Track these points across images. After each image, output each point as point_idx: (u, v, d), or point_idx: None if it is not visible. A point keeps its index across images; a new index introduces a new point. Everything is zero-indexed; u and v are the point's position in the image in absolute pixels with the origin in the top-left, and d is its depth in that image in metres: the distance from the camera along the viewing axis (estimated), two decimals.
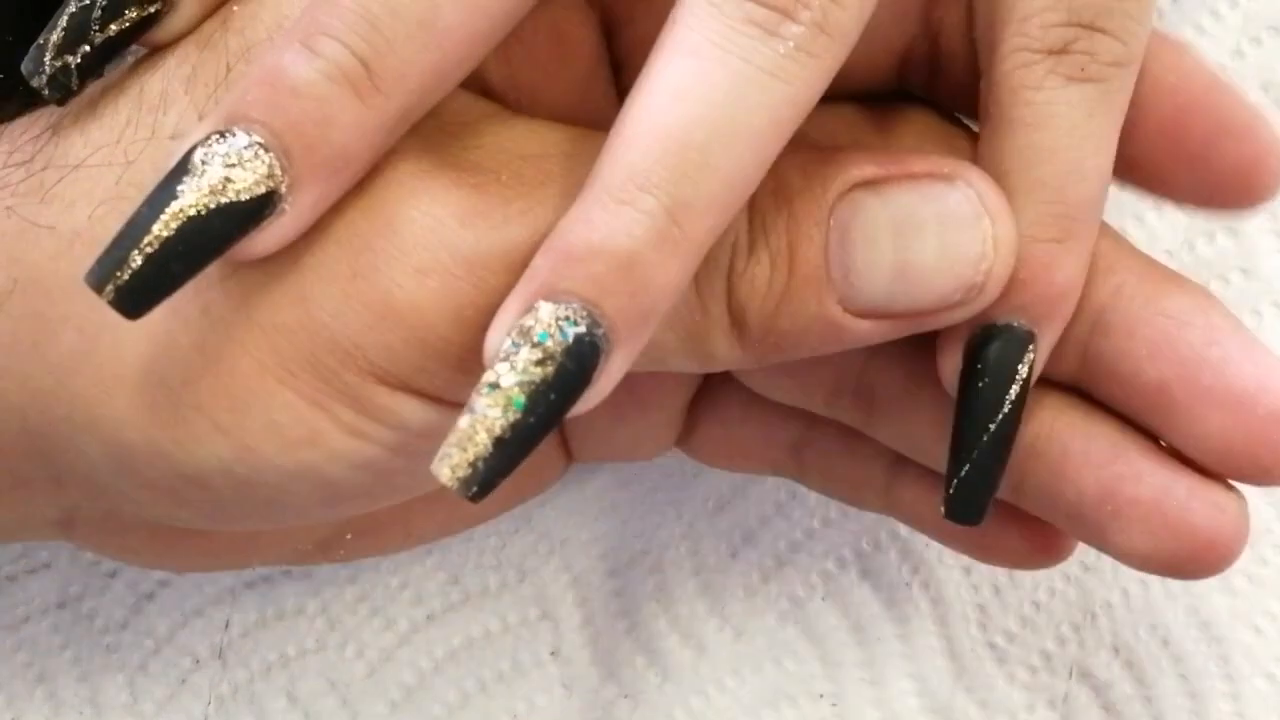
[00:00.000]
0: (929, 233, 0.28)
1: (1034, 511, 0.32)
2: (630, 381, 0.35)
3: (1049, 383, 0.31)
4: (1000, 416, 0.29)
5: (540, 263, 0.26)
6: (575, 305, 0.26)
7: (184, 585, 0.39)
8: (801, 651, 0.39)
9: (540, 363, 0.26)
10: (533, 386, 0.26)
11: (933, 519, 0.34)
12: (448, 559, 0.40)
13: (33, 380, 0.29)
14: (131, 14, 0.29)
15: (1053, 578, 0.39)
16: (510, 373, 0.26)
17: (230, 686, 0.39)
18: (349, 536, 0.36)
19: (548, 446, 0.37)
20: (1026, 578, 0.39)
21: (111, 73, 0.30)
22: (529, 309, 0.26)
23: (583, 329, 0.26)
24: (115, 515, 0.32)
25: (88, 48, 0.29)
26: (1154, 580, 0.38)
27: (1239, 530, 0.30)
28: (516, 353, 0.26)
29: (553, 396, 0.26)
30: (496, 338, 0.26)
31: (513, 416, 0.26)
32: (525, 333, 0.26)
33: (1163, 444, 0.31)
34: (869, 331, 0.29)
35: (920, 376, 0.31)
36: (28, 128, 0.30)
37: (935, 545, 0.39)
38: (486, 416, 0.26)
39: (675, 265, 0.26)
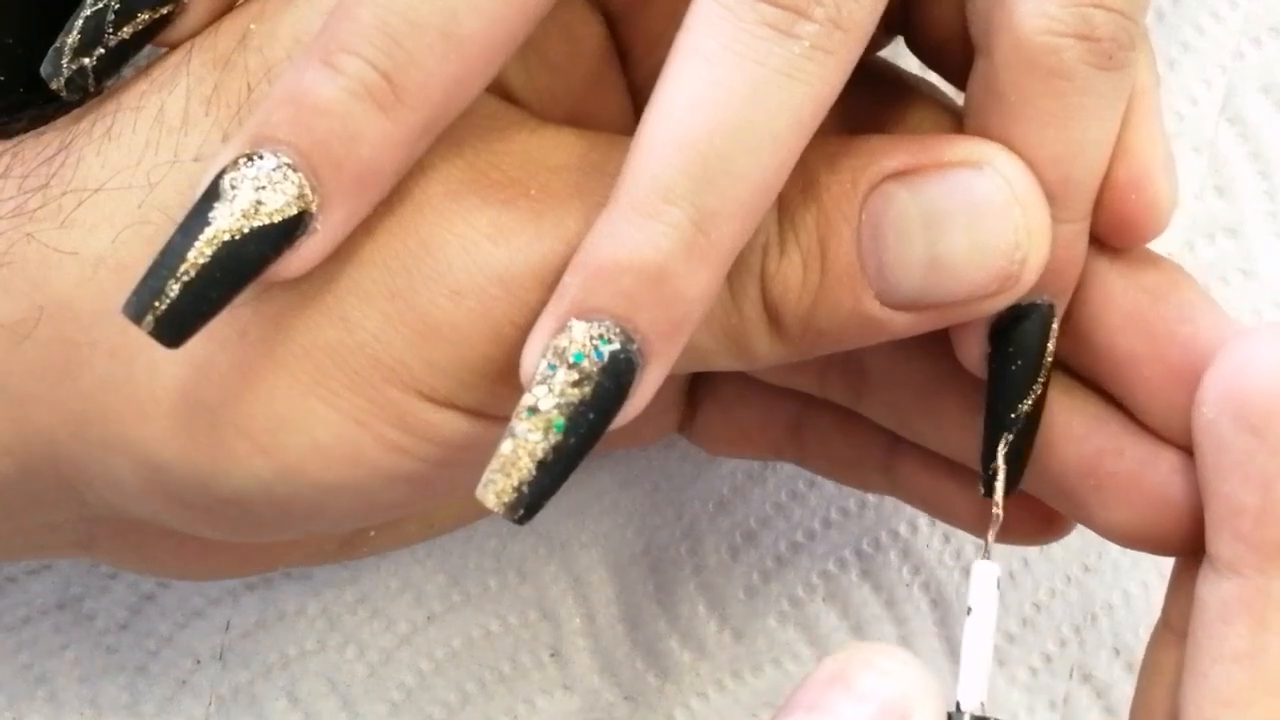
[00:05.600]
0: (960, 225, 0.28)
1: (1023, 487, 0.32)
2: None
3: None
4: (1034, 394, 0.29)
5: (570, 280, 0.26)
6: (608, 323, 0.26)
7: (184, 586, 0.39)
8: (802, 652, 0.39)
9: (577, 384, 0.26)
10: (572, 408, 0.26)
11: (934, 496, 0.34)
12: (448, 560, 0.40)
13: (64, 405, 0.29)
14: (144, 16, 0.29)
15: (1053, 579, 0.39)
16: (549, 396, 0.26)
17: (230, 687, 0.39)
18: (372, 534, 0.36)
19: None
20: (1027, 579, 0.39)
21: (124, 93, 0.29)
22: (562, 328, 0.26)
23: (617, 346, 0.26)
24: (138, 530, 0.32)
25: (102, 50, 0.29)
26: (1155, 581, 0.38)
27: None
28: (553, 375, 0.26)
29: (592, 416, 0.26)
30: (532, 359, 0.26)
31: (554, 439, 0.26)
32: (560, 354, 0.26)
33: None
34: (908, 324, 0.29)
35: (908, 351, 0.31)
36: (40, 150, 0.30)
37: (935, 546, 0.39)
38: (528, 441, 0.26)
39: (705, 274, 0.26)
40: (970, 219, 0.28)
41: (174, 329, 0.26)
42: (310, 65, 0.26)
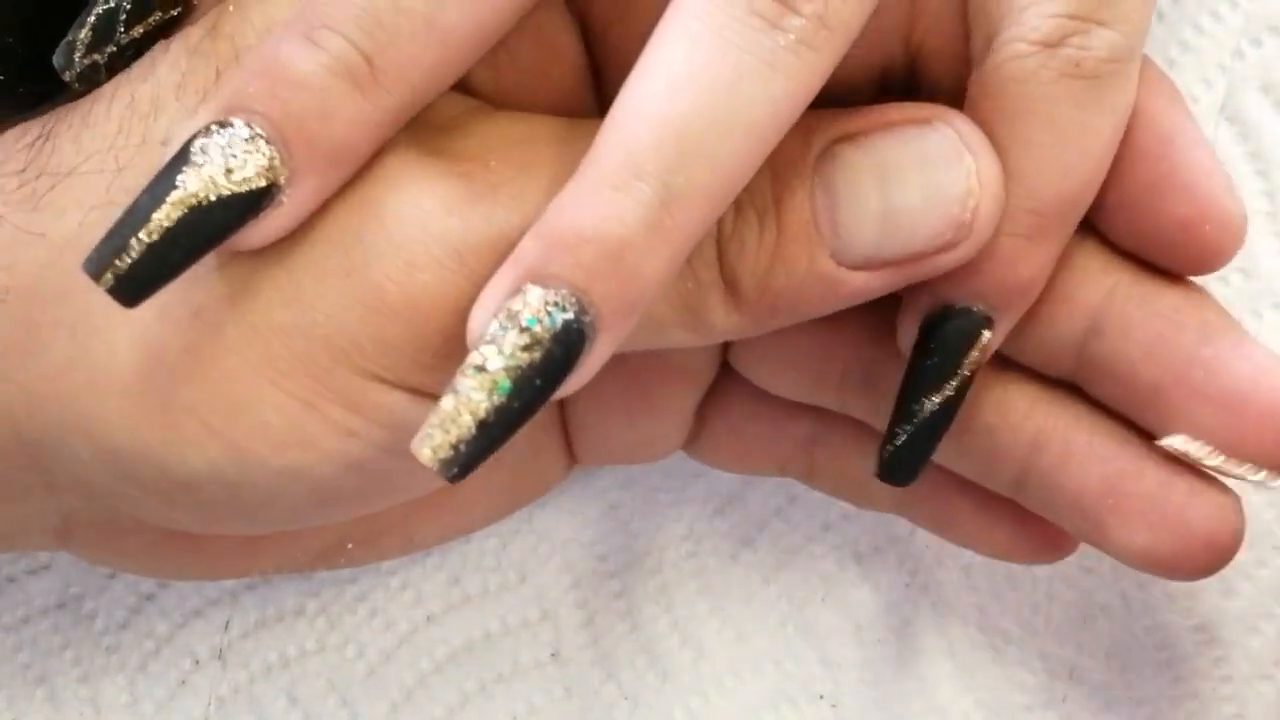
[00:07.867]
0: (911, 175, 0.28)
1: (1035, 509, 0.32)
2: (641, 385, 0.35)
3: (1051, 380, 0.31)
4: (942, 393, 0.29)
5: (529, 245, 0.26)
6: (564, 291, 0.25)
7: (184, 586, 0.39)
8: (801, 653, 0.39)
9: (527, 348, 0.25)
10: (519, 371, 0.26)
11: (943, 517, 0.35)
12: (448, 560, 0.40)
13: (26, 386, 0.29)
14: (156, 16, 0.29)
15: (1052, 580, 0.39)
16: (497, 356, 0.25)
17: (230, 687, 0.39)
18: (350, 546, 0.36)
19: (550, 449, 0.37)
20: (1026, 580, 0.39)
21: (107, 82, 0.30)
22: (516, 292, 0.26)
23: (571, 315, 0.25)
24: (113, 523, 0.32)
25: (114, 48, 0.29)
26: (1153, 583, 0.38)
27: (1236, 530, 0.30)
28: (503, 336, 0.25)
29: (538, 382, 0.26)
30: (482, 318, 0.26)
31: (497, 400, 0.25)
32: (513, 316, 0.26)
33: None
34: (865, 283, 0.29)
35: None
36: (21, 135, 0.30)
37: (935, 547, 0.39)
38: (471, 399, 0.25)
39: (665, 255, 0.26)
40: (921, 169, 0.28)
41: (132, 289, 0.26)
42: (291, 38, 0.27)
